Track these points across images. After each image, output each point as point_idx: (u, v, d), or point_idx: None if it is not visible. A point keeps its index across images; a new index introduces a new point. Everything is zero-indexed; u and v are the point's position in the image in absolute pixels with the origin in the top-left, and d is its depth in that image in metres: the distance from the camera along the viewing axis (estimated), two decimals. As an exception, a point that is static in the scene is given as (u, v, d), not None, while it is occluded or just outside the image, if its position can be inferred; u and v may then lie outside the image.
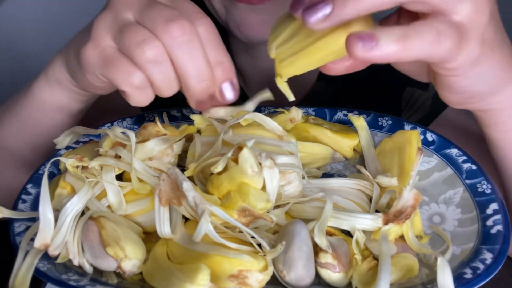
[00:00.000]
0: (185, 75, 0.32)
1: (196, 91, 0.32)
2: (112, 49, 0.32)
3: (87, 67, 0.34)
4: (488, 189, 0.35)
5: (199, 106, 0.34)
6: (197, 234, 0.29)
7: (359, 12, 0.26)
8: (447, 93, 0.32)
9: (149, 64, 0.31)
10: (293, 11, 0.28)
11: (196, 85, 0.32)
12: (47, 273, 0.29)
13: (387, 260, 0.29)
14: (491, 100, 0.33)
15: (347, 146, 0.41)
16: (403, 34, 0.26)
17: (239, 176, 0.30)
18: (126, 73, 0.31)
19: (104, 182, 0.33)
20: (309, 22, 0.26)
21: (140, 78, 0.31)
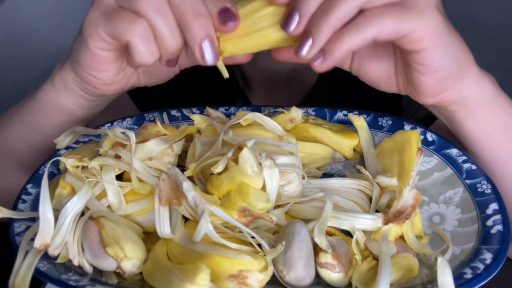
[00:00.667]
0: (182, 12, 0.31)
1: (194, 29, 0.31)
2: (114, 5, 0.32)
3: (90, 29, 0.33)
4: (488, 189, 0.35)
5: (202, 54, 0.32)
6: (197, 234, 0.29)
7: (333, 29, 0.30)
8: (422, 75, 0.33)
9: (150, 10, 0.31)
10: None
11: (193, 21, 0.31)
12: (47, 273, 0.29)
13: (387, 260, 0.29)
14: (461, 86, 0.35)
15: (347, 146, 0.41)
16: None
17: (239, 176, 0.30)
18: (129, 21, 0.31)
19: (104, 182, 0.33)
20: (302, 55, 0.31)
21: (143, 26, 0.31)
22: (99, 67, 0.37)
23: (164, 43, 0.32)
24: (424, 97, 0.35)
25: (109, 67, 0.37)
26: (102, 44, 0.34)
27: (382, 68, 0.36)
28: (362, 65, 0.36)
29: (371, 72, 0.37)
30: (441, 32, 0.31)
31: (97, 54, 0.35)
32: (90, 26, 0.34)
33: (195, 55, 0.32)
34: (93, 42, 0.34)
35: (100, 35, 0.33)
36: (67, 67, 0.40)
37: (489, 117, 0.37)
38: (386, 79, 0.37)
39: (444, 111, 0.38)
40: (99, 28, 0.33)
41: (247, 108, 0.45)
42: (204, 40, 0.31)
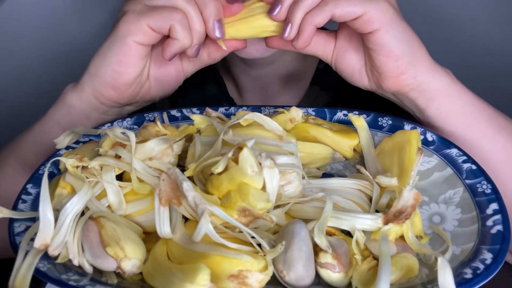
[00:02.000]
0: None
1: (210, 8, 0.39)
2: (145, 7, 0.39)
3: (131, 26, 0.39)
4: (488, 189, 0.35)
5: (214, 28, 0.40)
6: (197, 234, 0.29)
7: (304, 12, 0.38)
8: (380, 56, 0.39)
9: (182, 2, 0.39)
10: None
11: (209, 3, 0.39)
12: (47, 273, 0.29)
13: (387, 260, 0.29)
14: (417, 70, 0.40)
15: (347, 146, 0.41)
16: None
17: (239, 176, 0.30)
18: (169, 11, 0.39)
19: (104, 182, 0.33)
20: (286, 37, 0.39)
21: (180, 14, 0.39)
22: (129, 61, 0.41)
23: (195, 25, 0.39)
24: (386, 79, 0.40)
25: (136, 63, 0.41)
26: (141, 36, 0.40)
27: (355, 58, 0.42)
28: (339, 56, 0.43)
29: (346, 63, 0.43)
30: (390, 17, 0.38)
31: (133, 47, 0.40)
32: (129, 23, 0.39)
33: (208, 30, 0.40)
34: (133, 36, 0.40)
35: (142, 28, 0.39)
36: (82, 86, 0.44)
37: (447, 103, 0.41)
38: (359, 71, 0.42)
39: (406, 99, 0.42)
40: (142, 22, 0.39)
41: (247, 108, 0.45)
42: (216, 17, 0.39)
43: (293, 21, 0.38)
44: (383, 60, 0.39)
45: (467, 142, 0.41)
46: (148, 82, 0.45)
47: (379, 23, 0.37)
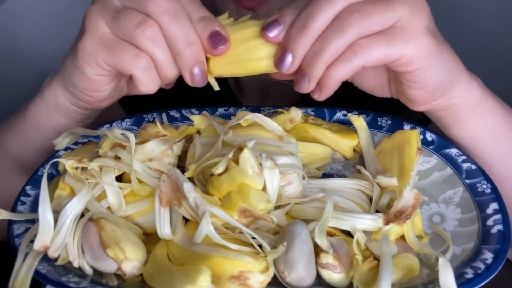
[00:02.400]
0: (174, 41, 0.32)
1: (185, 57, 0.32)
2: (111, 35, 0.33)
3: (88, 58, 0.34)
4: (488, 188, 0.35)
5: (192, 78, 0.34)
6: (198, 235, 0.29)
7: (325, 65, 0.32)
8: (414, 90, 0.34)
9: (150, 43, 0.32)
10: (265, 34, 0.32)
11: (184, 49, 0.32)
12: (47, 275, 0.29)
13: (388, 260, 0.29)
14: (452, 94, 0.36)
15: (346, 146, 0.41)
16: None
17: (240, 177, 0.30)
18: (132, 55, 0.33)
19: (104, 184, 0.33)
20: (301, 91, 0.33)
21: (146, 59, 0.33)
22: (95, 89, 0.37)
23: (165, 72, 0.33)
24: (415, 106, 0.36)
25: (104, 88, 0.37)
26: (100, 71, 0.35)
27: (376, 78, 0.38)
28: (358, 75, 0.38)
29: (366, 81, 0.38)
30: (431, 53, 0.32)
31: (94, 79, 0.36)
32: (87, 54, 0.34)
33: (185, 79, 0.34)
34: (91, 69, 0.35)
35: (100, 64, 0.34)
36: (57, 85, 0.40)
37: (477, 122, 0.38)
38: (381, 88, 0.38)
39: (433, 115, 0.39)
40: (99, 58, 0.34)
41: (247, 108, 0.45)
42: (194, 67, 0.33)
43: (311, 76, 0.32)
44: (415, 93, 0.35)
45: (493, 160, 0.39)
46: (127, 86, 0.41)
47: (419, 64, 0.32)
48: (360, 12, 0.30)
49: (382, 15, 0.31)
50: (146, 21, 0.32)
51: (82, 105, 0.40)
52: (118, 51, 0.33)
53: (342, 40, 0.30)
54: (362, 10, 0.30)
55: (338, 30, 0.30)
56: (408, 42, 0.31)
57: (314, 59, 0.31)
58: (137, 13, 0.32)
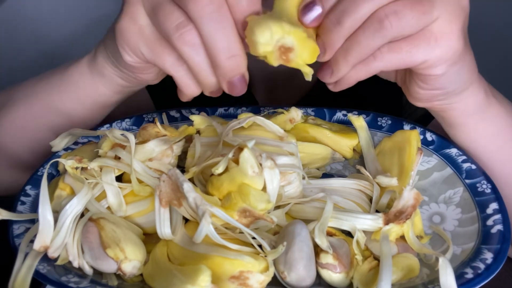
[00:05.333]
0: (214, 50, 0.29)
1: (226, 69, 0.30)
2: (151, 29, 0.31)
3: (127, 47, 0.32)
4: (488, 188, 0.35)
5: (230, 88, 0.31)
6: (198, 235, 0.29)
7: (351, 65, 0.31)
8: (420, 89, 0.33)
9: (188, 50, 0.29)
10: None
11: (226, 61, 0.29)
12: (46, 275, 0.29)
13: (388, 260, 0.29)
14: (454, 99, 0.34)
15: (346, 146, 0.41)
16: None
17: (240, 177, 0.30)
18: (175, 59, 0.31)
19: (104, 184, 0.33)
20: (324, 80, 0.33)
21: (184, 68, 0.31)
22: (139, 72, 0.35)
23: (203, 80, 0.31)
24: (414, 101, 0.35)
25: (149, 71, 0.36)
26: (140, 61, 0.33)
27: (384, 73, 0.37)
28: None
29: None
30: (455, 59, 0.30)
31: (135, 65, 0.34)
32: (126, 43, 0.32)
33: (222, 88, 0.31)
34: (130, 57, 0.33)
35: (139, 56, 0.32)
36: (105, 56, 0.38)
37: (477, 128, 0.37)
38: (388, 72, 0.37)
39: (433, 113, 0.38)
40: (138, 50, 0.32)
41: (247, 108, 0.45)
42: (233, 78, 0.30)
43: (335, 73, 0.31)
44: (420, 92, 0.33)
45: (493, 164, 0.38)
46: None
47: (438, 70, 0.31)
48: (397, 15, 0.28)
49: (418, 20, 0.28)
50: (186, 25, 0.29)
51: (131, 80, 0.38)
52: (159, 51, 0.31)
53: (373, 44, 0.29)
54: (399, 13, 0.28)
55: (371, 32, 0.29)
56: (434, 49, 0.29)
57: (342, 58, 0.30)
58: (178, 12, 0.29)
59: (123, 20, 0.31)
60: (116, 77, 0.39)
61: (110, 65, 0.38)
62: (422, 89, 0.33)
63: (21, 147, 0.45)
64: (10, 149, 0.45)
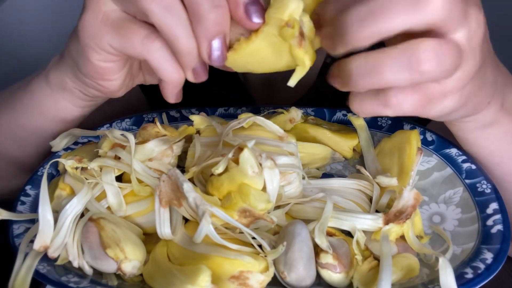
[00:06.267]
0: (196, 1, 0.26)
1: (209, 22, 0.26)
2: (117, 12, 0.28)
3: (91, 41, 0.29)
4: (488, 188, 0.35)
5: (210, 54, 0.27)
6: (198, 235, 0.29)
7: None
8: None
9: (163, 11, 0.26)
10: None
11: (209, 12, 0.26)
12: (46, 275, 0.29)
13: (388, 260, 0.29)
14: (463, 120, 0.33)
15: (346, 146, 0.41)
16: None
17: (240, 177, 0.30)
18: (144, 35, 0.27)
19: (104, 183, 0.33)
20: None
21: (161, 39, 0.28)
22: (104, 77, 0.33)
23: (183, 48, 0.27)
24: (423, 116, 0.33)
25: (116, 76, 0.33)
26: (107, 57, 0.30)
27: None
28: None
29: None
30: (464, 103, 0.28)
31: (101, 66, 0.31)
32: (90, 37, 0.29)
33: (200, 51, 0.27)
34: (96, 54, 0.30)
35: (105, 48, 0.29)
36: (65, 69, 0.36)
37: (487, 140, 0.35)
38: None
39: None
40: (104, 41, 0.29)
41: (247, 108, 0.45)
42: (215, 37, 0.26)
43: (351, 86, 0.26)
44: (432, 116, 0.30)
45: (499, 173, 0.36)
46: (142, 73, 0.37)
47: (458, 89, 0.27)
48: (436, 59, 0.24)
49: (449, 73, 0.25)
50: None
51: (93, 93, 0.36)
52: (127, 31, 0.28)
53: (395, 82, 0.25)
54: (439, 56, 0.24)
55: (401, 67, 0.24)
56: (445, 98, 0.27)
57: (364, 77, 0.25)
58: None
59: (84, 15, 0.29)
60: (77, 91, 0.37)
61: (70, 77, 0.36)
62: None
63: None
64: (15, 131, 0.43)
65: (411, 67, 0.24)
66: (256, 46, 0.27)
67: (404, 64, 0.24)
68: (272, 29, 0.27)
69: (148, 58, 0.28)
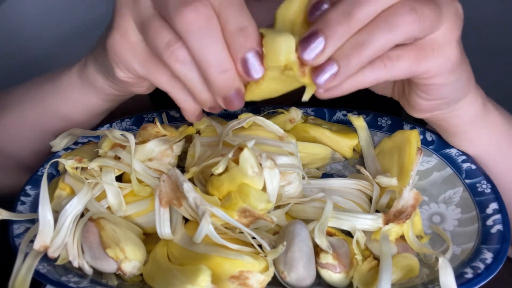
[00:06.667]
0: (205, 66, 0.28)
1: (219, 85, 0.28)
2: (143, 46, 0.30)
3: (119, 63, 0.31)
4: (488, 188, 0.35)
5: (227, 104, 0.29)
6: (198, 235, 0.29)
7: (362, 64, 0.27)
8: (422, 100, 0.32)
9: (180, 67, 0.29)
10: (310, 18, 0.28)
11: (217, 76, 0.28)
12: (46, 275, 0.29)
13: (388, 260, 0.29)
14: (454, 107, 0.34)
15: (346, 146, 0.41)
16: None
17: (240, 177, 0.30)
18: (169, 77, 0.30)
19: (104, 183, 0.33)
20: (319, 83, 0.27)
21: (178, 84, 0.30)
22: (132, 85, 0.34)
23: (199, 97, 0.30)
24: (415, 113, 0.35)
25: (143, 84, 0.34)
26: (133, 77, 0.32)
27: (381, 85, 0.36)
28: None
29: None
30: (454, 69, 0.30)
31: (127, 81, 0.33)
32: (118, 59, 0.31)
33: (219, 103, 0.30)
34: (122, 73, 0.32)
35: (132, 72, 0.31)
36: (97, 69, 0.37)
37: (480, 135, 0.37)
38: (384, 87, 0.37)
39: (432, 123, 0.38)
40: (131, 66, 0.31)
41: (247, 108, 0.45)
42: (227, 93, 0.29)
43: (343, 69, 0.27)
44: (422, 103, 0.33)
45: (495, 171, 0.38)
46: None
47: (440, 79, 0.30)
48: (417, 13, 0.26)
49: (432, 23, 0.27)
50: (175, 42, 0.28)
51: (124, 91, 0.37)
52: (153, 68, 0.30)
53: (391, 39, 0.26)
54: (418, 11, 0.26)
55: (390, 26, 0.26)
56: (437, 58, 0.28)
57: (354, 51, 0.26)
58: (167, 29, 0.28)
59: (114, 35, 0.30)
60: (107, 87, 0.38)
61: (101, 76, 0.37)
62: (424, 100, 0.32)
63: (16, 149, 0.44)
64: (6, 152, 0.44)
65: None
66: (265, 85, 0.29)
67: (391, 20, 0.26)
68: (275, 73, 0.28)
69: (171, 93, 0.31)
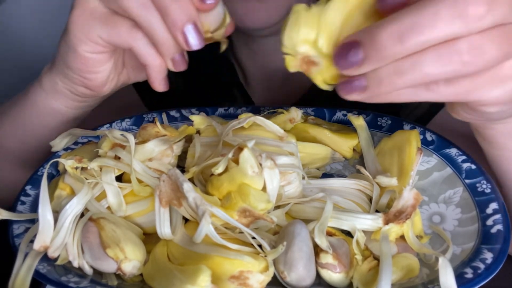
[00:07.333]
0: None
1: (174, 13, 0.29)
2: (103, 8, 0.32)
3: (80, 33, 0.33)
4: (488, 188, 0.35)
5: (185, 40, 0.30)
6: (198, 235, 0.29)
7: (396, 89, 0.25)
8: (466, 114, 0.30)
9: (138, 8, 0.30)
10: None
11: (170, 4, 0.29)
12: (46, 275, 0.29)
13: (388, 260, 0.29)
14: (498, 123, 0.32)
15: (346, 146, 0.41)
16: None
17: (240, 177, 0.30)
18: (130, 26, 0.31)
19: (104, 183, 0.33)
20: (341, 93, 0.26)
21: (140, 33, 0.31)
22: (91, 69, 0.36)
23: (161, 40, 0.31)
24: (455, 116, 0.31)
25: (101, 68, 0.36)
26: (96, 47, 0.34)
27: None
28: None
29: None
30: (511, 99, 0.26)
31: (89, 57, 0.34)
32: (80, 29, 0.33)
33: (176, 40, 0.30)
34: (85, 46, 0.33)
35: (94, 39, 0.33)
36: (55, 70, 0.39)
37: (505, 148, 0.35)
38: None
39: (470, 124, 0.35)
40: (92, 32, 0.32)
41: (247, 108, 0.45)
42: (185, 25, 0.30)
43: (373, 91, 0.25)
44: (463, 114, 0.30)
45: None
46: (126, 70, 0.40)
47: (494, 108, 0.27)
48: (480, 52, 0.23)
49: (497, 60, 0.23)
50: None
51: (81, 90, 0.39)
52: (114, 23, 0.31)
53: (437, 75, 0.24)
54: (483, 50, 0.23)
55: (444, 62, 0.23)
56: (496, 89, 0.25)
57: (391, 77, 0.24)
58: None
59: (74, 12, 0.33)
60: (67, 91, 0.39)
61: (60, 78, 0.39)
62: (467, 114, 0.30)
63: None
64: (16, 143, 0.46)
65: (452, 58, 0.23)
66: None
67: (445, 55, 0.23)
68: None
69: (133, 45, 0.32)
